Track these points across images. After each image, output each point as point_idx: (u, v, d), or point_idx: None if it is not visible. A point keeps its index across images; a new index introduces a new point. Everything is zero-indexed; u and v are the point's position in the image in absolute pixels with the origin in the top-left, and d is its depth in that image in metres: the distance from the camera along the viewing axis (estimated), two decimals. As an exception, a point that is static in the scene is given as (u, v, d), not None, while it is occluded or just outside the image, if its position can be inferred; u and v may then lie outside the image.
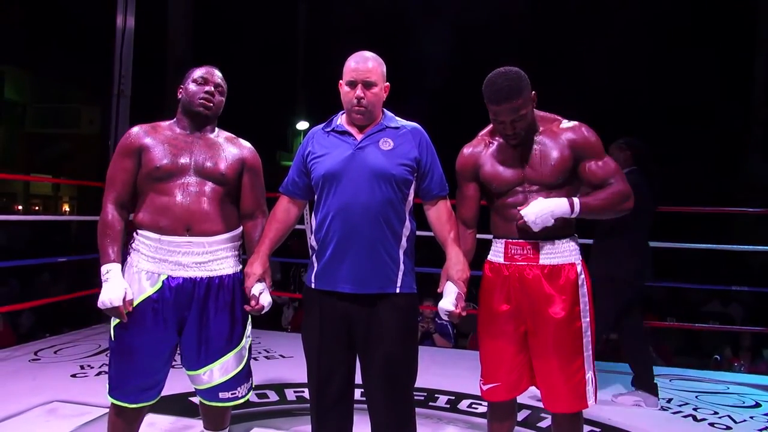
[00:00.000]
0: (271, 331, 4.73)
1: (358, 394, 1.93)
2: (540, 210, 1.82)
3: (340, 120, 1.92)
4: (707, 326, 5.52)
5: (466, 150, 2.02)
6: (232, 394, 1.97)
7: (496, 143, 1.97)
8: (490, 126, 2.00)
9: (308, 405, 1.96)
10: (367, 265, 1.81)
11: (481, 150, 1.99)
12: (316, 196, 1.91)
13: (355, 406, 1.94)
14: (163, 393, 2.01)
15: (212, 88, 1.94)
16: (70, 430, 2.53)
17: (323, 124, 1.95)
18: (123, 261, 1.91)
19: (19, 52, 13.36)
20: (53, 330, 4.75)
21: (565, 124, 1.94)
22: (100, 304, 1.79)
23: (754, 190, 10.78)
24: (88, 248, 1.94)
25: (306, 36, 15.15)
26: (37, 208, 16.50)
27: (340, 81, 1.88)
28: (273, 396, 3.09)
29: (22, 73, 14.99)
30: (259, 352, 3.95)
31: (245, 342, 1.98)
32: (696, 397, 3.42)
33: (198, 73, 1.96)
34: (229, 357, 1.93)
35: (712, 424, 2.99)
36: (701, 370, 4.28)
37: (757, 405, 3.34)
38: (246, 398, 2.02)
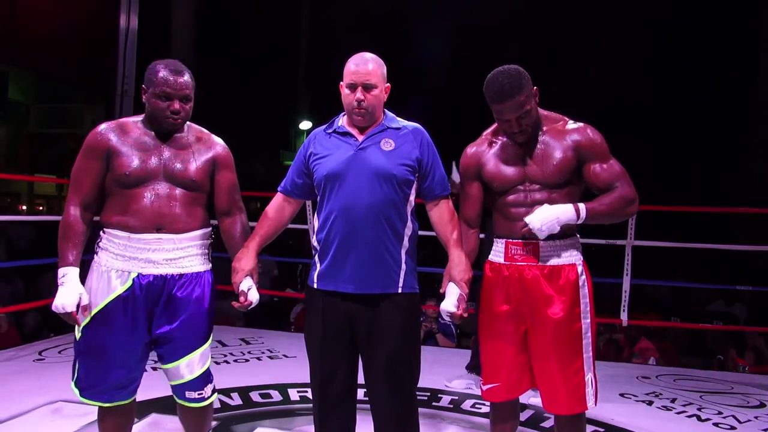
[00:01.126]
0: (274, 330, 4.73)
1: (361, 394, 1.93)
2: (546, 217, 1.81)
3: (342, 121, 1.92)
4: (711, 326, 5.50)
5: (469, 149, 2.02)
6: (198, 394, 1.91)
7: (499, 142, 1.97)
8: (494, 125, 2.00)
9: (311, 405, 1.96)
10: (370, 265, 1.81)
11: (484, 149, 1.99)
12: (318, 197, 1.92)
13: (358, 405, 1.94)
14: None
15: (177, 105, 1.83)
16: (75, 430, 2.54)
17: (325, 126, 1.95)
18: (90, 260, 1.88)
19: (23, 52, 13.40)
20: (58, 330, 4.75)
21: (571, 124, 1.93)
22: (53, 308, 1.77)
23: (757, 189, 10.74)
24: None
25: (308, 35, 15.16)
26: (41, 208, 16.54)
27: (341, 83, 1.89)
28: (276, 396, 3.10)
29: (26, 73, 15.03)
30: (263, 352, 3.96)
31: (209, 342, 1.93)
32: (700, 397, 3.41)
33: (160, 84, 1.82)
34: (196, 355, 1.88)
35: (716, 424, 2.99)
36: (705, 369, 4.28)
37: (762, 405, 3.33)
38: (211, 400, 1.96)
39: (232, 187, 1.99)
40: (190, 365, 1.88)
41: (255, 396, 3.06)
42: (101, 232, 1.87)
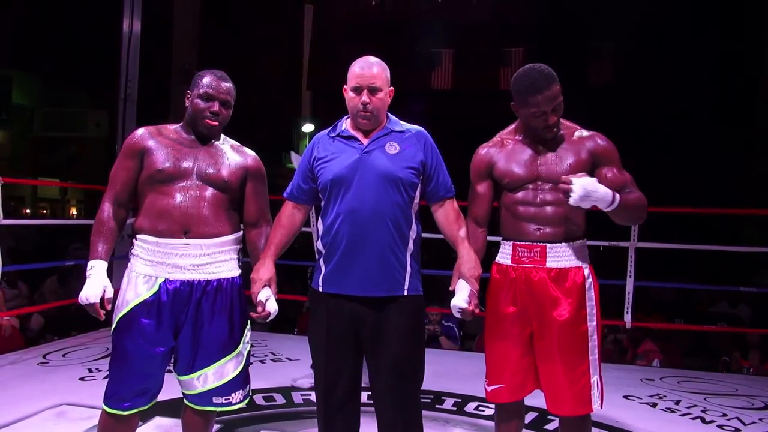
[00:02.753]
0: (278, 333, 4.74)
1: (365, 397, 1.93)
2: (591, 189, 1.75)
3: (345, 125, 1.93)
4: (715, 327, 5.48)
5: (482, 149, 2.03)
6: (225, 399, 1.91)
7: (512, 143, 1.99)
8: (509, 127, 2.02)
9: (315, 408, 1.96)
10: (375, 268, 1.81)
11: (497, 149, 2.00)
12: (323, 201, 1.92)
13: (362, 408, 1.94)
14: (171, 396, 2.01)
15: (217, 107, 1.90)
16: (79, 433, 2.54)
17: (328, 130, 1.96)
18: (123, 267, 1.91)
19: (27, 56, 13.45)
20: (61, 333, 4.77)
21: (583, 132, 1.96)
22: (79, 300, 1.79)
23: (761, 190, 10.70)
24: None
25: (312, 37, 15.18)
26: (44, 211, 16.59)
27: (345, 86, 1.89)
28: (280, 399, 3.10)
29: (30, 77, 15.10)
30: (266, 355, 3.96)
31: (243, 347, 1.93)
32: (704, 398, 3.40)
33: (204, 86, 1.90)
34: (225, 361, 1.89)
35: (720, 427, 2.98)
36: (709, 371, 4.26)
37: (767, 407, 3.32)
38: (241, 405, 1.95)
39: (262, 198, 2.02)
40: (219, 372, 1.89)
41: (258, 399, 3.06)
42: (134, 239, 1.89)
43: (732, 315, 6.30)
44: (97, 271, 1.81)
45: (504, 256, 1.98)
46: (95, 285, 1.79)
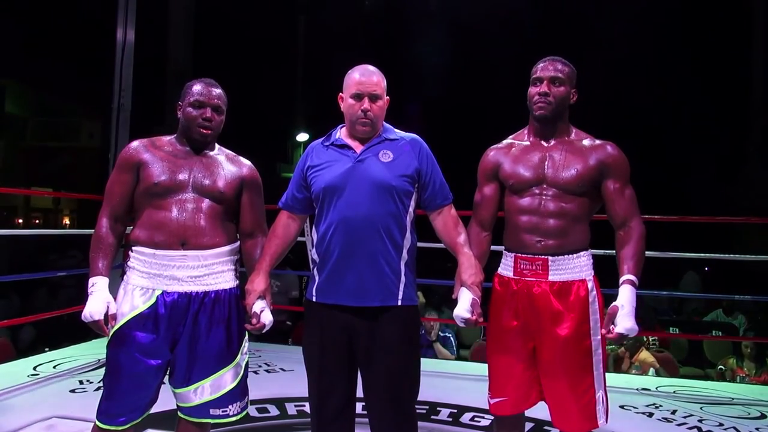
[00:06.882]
0: (272, 344, 4.70)
1: (359, 408, 1.91)
2: (632, 323, 1.75)
3: (339, 134, 1.93)
4: (711, 336, 5.49)
5: (491, 150, 2.03)
6: (223, 411, 1.89)
7: (521, 146, 1.97)
8: (518, 132, 2.02)
9: (309, 419, 1.94)
10: (369, 277, 1.80)
11: (505, 150, 1.99)
12: (316, 210, 1.91)
13: (357, 420, 1.92)
14: (163, 408, 1.98)
15: (209, 113, 1.89)
16: (69, 447, 2.51)
17: (322, 139, 1.95)
18: (120, 279, 1.89)
19: (20, 66, 13.43)
20: (53, 344, 4.72)
21: (596, 141, 1.94)
22: (83, 317, 1.78)
23: (754, 198, 10.76)
24: (89, 262, 1.91)
25: (305, 47, 15.23)
26: (37, 221, 16.50)
27: (341, 94, 1.89)
28: (273, 410, 3.07)
29: (23, 87, 15.08)
30: (260, 366, 3.92)
31: (241, 359, 1.92)
32: (701, 408, 3.39)
33: (195, 94, 1.90)
34: (223, 373, 1.87)
35: (717, 436, 2.97)
36: (705, 380, 4.25)
37: (763, 416, 3.30)
38: (238, 417, 1.93)
39: (258, 209, 2.00)
40: (216, 383, 1.87)
41: (252, 411, 3.02)
42: (129, 251, 1.87)
43: (727, 324, 6.32)
44: (99, 287, 1.80)
45: (506, 267, 1.95)
46: (98, 301, 1.77)
